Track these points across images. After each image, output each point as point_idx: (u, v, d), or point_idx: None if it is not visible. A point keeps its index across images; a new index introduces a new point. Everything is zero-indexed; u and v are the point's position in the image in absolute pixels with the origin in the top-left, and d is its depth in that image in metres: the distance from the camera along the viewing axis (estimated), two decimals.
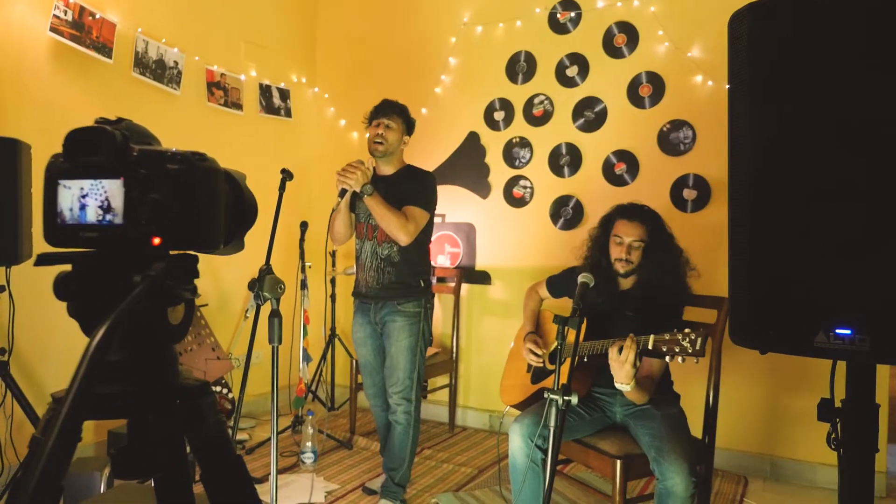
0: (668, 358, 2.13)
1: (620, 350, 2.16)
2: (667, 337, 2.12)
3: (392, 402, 2.87)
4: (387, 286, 2.84)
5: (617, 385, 2.22)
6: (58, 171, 0.66)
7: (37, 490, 0.51)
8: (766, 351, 0.93)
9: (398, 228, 2.71)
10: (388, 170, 2.92)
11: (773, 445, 3.42)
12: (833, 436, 0.98)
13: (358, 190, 2.66)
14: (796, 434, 3.36)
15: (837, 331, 0.84)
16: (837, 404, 1.00)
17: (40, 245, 0.72)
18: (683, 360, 2.11)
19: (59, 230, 0.66)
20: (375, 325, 2.91)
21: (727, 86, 1.00)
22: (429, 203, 2.86)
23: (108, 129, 0.64)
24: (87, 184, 0.65)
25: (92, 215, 0.65)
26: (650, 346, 2.15)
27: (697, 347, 2.06)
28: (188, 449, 0.71)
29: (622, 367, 2.17)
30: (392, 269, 2.83)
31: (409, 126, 2.95)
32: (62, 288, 0.67)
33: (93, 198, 0.65)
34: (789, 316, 0.90)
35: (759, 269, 0.93)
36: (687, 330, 2.09)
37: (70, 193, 0.66)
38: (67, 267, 0.68)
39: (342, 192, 2.74)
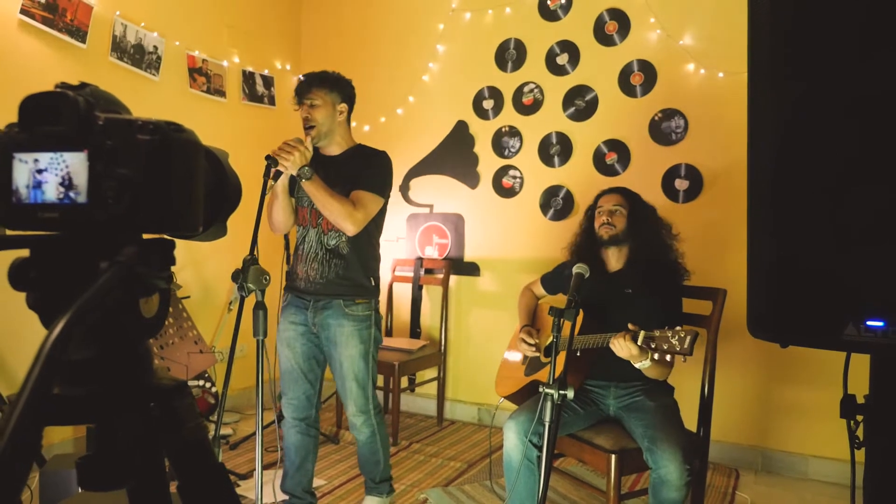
0: (655, 355, 2.10)
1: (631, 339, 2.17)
2: (657, 333, 2.10)
3: (350, 417, 2.58)
4: (332, 282, 2.49)
5: (636, 365, 2.21)
6: (12, 142, 0.58)
7: None
8: (788, 344, 0.87)
9: (344, 217, 2.36)
10: (333, 150, 2.56)
11: (764, 438, 3.41)
12: (855, 433, 0.93)
13: (295, 173, 2.30)
14: (788, 426, 3.34)
15: (868, 323, 0.79)
16: (860, 400, 0.95)
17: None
18: (671, 358, 2.08)
19: (15, 210, 0.58)
20: (311, 327, 2.55)
21: (746, 63, 0.94)
22: (382, 187, 2.50)
23: (70, 95, 0.56)
24: (45, 157, 0.57)
25: (52, 193, 0.57)
26: (639, 342, 2.12)
27: (686, 346, 2.02)
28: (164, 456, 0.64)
29: (630, 357, 2.18)
30: (340, 263, 2.49)
31: (343, 95, 2.54)
32: (19, 276, 0.59)
33: (53, 173, 0.57)
34: (814, 307, 0.84)
35: (780, 257, 0.87)
36: (678, 328, 2.06)
37: (26, 168, 0.57)
38: (25, 252, 0.60)
39: (276, 175, 2.37)
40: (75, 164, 0.56)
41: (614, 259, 2.55)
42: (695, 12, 3.48)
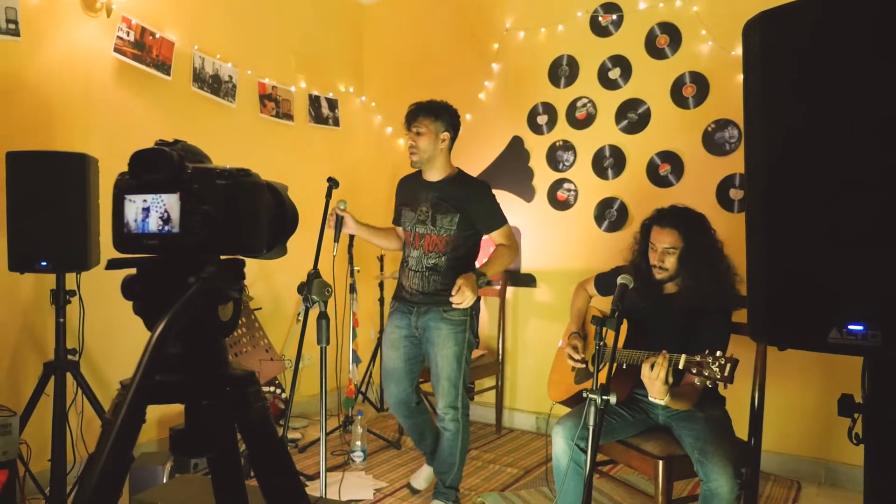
0: (696, 381, 2.12)
1: (652, 366, 2.18)
2: (697, 359, 2.11)
3: (439, 411, 2.85)
4: (431, 293, 2.83)
5: (650, 399, 2.23)
6: (124, 186, 0.76)
7: (108, 459, 0.60)
8: (784, 347, 0.96)
9: (512, 261, 2.89)
10: (434, 175, 2.87)
11: (827, 449, 3.34)
12: (854, 432, 0.99)
13: (477, 295, 2.73)
14: None
15: (850, 327, 0.87)
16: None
17: (107, 253, 0.82)
18: (712, 384, 2.10)
19: (126, 238, 0.76)
20: (415, 330, 2.88)
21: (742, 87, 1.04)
22: (502, 215, 2.89)
23: (167, 150, 0.73)
24: (149, 198, 0.75)
25: (153, 225, 0.75)
26: (680, 366, 2.15)
27: (726, 374, 2.03)
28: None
29: (653, 384, 2.18)
30: (437, 277, 2.82)
31: (447, 124, 2.82)
32: (129, 289, 0.77)
33: (154, 210, 0.74)
34: (804, 312, 0.92)
35: (774, 267, 0.96)
36: (718, 354, 2.08)
37: (135, 206, 0.75)
38: (133, 270, 0.78)
39: (337, 236, 2.79)
40: (171, 203, 0.73)
41: (668, 284, 2.57)
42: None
